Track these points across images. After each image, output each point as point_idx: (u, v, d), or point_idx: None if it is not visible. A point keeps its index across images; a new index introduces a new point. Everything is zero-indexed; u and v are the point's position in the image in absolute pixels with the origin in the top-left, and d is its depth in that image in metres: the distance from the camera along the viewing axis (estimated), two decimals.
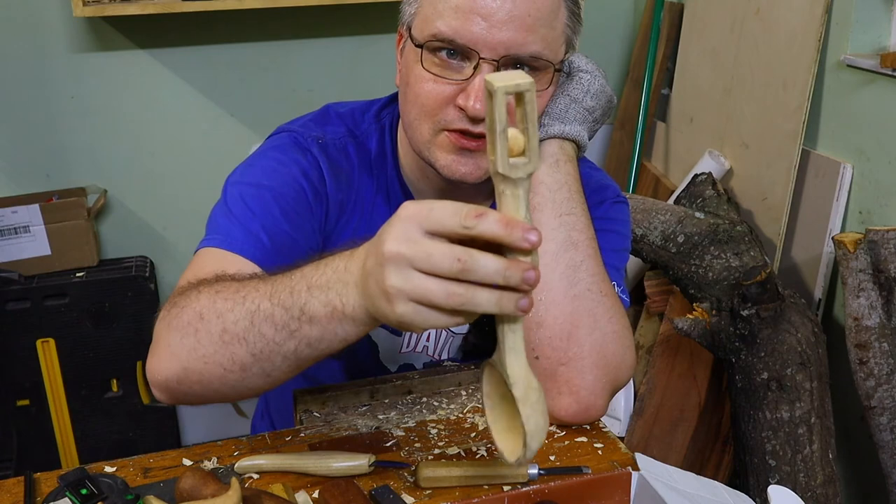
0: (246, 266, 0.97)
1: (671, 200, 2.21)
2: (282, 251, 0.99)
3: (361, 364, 1.21)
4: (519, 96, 0.70)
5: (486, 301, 0.69)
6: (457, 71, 0.99)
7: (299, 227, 1.04)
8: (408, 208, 0.71)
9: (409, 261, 0.69)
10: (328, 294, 0.78)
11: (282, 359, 0.84)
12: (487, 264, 0.68)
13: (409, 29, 1.03)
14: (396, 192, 1.14)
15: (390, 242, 0.70)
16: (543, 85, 1.02)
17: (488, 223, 0.68)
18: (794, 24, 2.00)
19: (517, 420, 0.77)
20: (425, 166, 1.07)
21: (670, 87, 2.57)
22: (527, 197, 0.71)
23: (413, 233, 0.69)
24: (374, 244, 0.73)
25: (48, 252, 2.28)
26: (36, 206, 2.25)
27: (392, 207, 1.13)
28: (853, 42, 1.91)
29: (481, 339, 1.21)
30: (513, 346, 0.75)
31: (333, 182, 1.10)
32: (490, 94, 0.69)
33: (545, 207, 1.03)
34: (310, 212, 1.07)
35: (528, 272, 0.69)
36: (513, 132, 0.70)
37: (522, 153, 0.71)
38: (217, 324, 0.86)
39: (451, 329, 1.19)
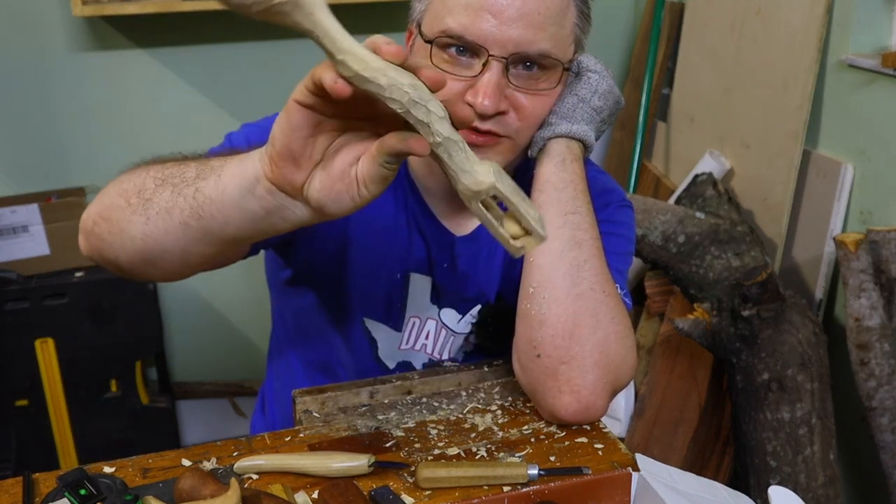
0: None
1: (672, 200, 2.21)
2: None
3: (360, 360, 1.20)
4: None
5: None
6: (466, 67, 0.99)
7: None
8: None
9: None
10: (242, 158, 0.80)
11: (182, 199, 0.82)
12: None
13: (419, 26, 1.03)
14: (403, 186, 1.13)
15: None
16: (552, 84, 1.02)
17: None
18: (795, 23, 2.00)
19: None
20: (433, 163, 1.06)
21: (671, 86, 2.57)
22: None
23: None
24: None
25: (47, 252, 2.28)
26: (35, 206, 2.24)
27: (397, 199, 1.13)
28: (854, 42, 1.90)
29: (483, 340, 1.21)
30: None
31: None
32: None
33: (550, 206, 1.03)
34: None
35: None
36: (507, 221, 0.72)
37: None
38: (152, 170, 0.88)
39: (453, 329, 1.19)
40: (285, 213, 0.77)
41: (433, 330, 1.19)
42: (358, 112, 0.73)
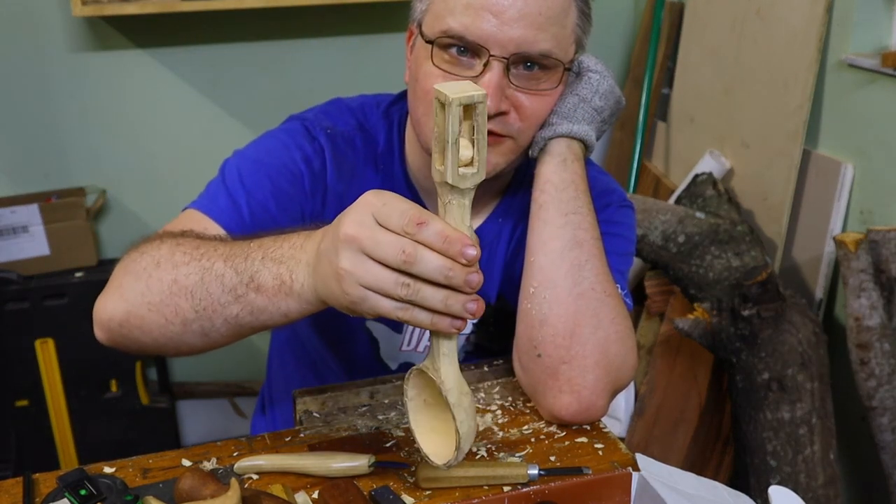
0: (218, 233, 0.99)
1: (672, 200, 2.21)
2: (258, 229, 1.00)
3: (361, 360, 1.20)
4: (469, 108, 0.73)
5: (432, 296, 0.74)
6: (467, 68, 0.99)
7: (285, 210, 1.06)
8: (367, 196, 0.75)
9: (360, 245, 0.73)
10: (280, 268, 0.82)
11: (222, 321, 0.87)
12: (431, 260, 0.72)
13: (420, 25, 1.03)
14: (402, 189, 1.13)
15: (347, 225, 0.74)
16: (553, 84, 1.02)
17: (428, 233, 0.72)
18: (795, 23, 2.00)
19: (440, 424, 0.82)
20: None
21: (671, 86, 2.57)
22: (470, 206, 0.75)
23: (367, 219, 0.74)
24: (332, 227, 0.77)
25: (47, 252, 2.28)
26: (35, 206, 2.24)
27: None
28: (854, 42, 1.90)
29: (484, 340, 1.21)
30: (447, 353, 0.79)
31: (335, 172, 1.10)
32: (442, 104, 0.73)
33: (551, 206, 1.03)
34: (303, 197, 1.08)
35: (471, 275, 0.73)
36: (463, 142, 0.74)
37: (471, 163, 0.75)
38: (170, 273, 0.89)
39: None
40: None
41: None
42: None
